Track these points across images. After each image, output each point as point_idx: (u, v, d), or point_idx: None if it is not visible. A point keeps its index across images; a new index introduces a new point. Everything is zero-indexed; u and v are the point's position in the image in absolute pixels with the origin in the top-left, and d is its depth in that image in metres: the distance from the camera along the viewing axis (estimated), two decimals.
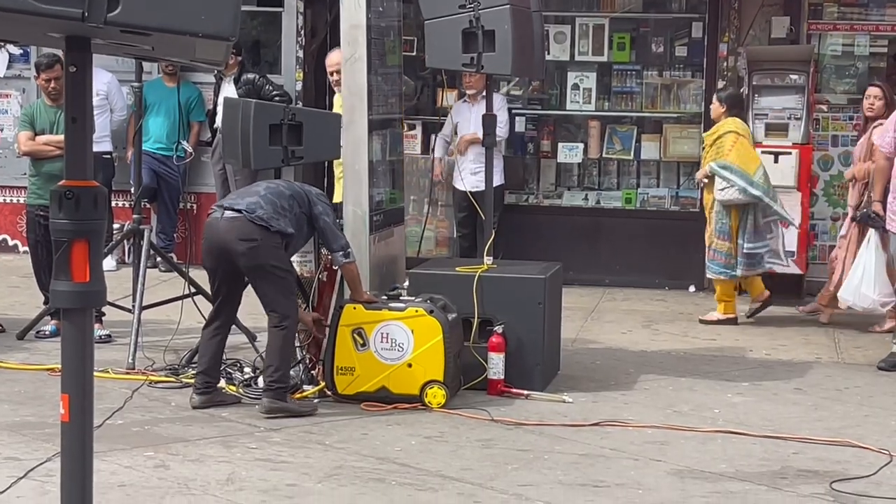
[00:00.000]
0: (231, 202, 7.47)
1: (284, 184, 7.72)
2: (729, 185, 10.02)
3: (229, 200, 7.56)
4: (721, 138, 10.16)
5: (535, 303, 7.96)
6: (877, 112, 9.95)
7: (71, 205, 2.93)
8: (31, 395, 7.65)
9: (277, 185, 7.65)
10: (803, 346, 9.60)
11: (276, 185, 7.65)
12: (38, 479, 5.97)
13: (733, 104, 10.33)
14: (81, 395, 2.98)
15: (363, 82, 8.19)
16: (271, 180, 7.95)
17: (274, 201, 7.38)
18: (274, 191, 7.48)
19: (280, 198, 7.43)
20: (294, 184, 7.78)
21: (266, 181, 7.85)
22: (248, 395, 7.61)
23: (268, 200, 7.37)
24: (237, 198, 7.53)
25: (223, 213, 7.37)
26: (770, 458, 6.69)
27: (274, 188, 7.54)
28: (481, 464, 6.48)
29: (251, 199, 7.37)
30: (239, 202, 7.40)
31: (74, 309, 3.01)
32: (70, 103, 2.96)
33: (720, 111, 10.30)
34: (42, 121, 9.30)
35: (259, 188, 7.56)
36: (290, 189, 7.57)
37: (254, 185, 7.86)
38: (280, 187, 7.58)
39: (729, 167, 9.99)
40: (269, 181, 7.83)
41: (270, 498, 5.85)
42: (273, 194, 7.44)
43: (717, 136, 10.22)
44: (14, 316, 9.70)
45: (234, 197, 7.66)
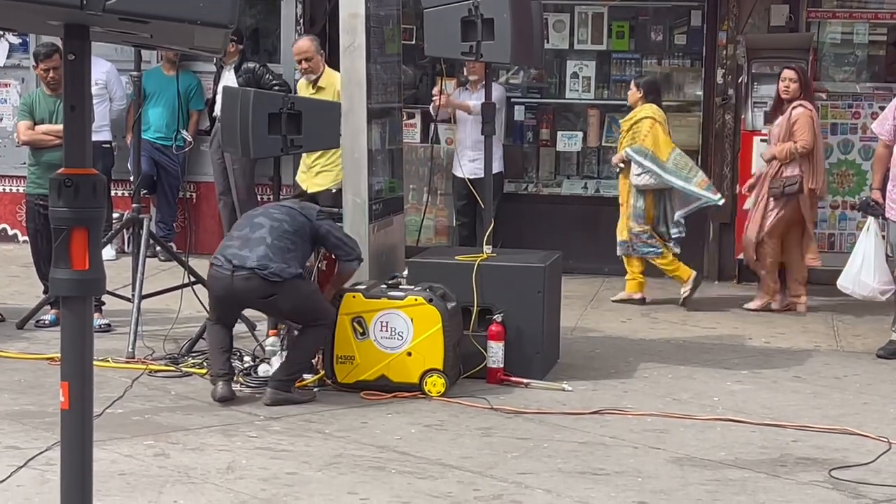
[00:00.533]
0: (239, 258, 7.23)
1: (285, 215, 7.46)
2: (644, 171, 10.26)
3: (234, 251, 7.29)
4: (637, 124, 10.36)
5: (534, 291, 7.97)
6: (792, 94, 10.15)
7: (70, 192, 2.92)
8: (31, 384, 7.66)
9: (280, 221, 7.41)
10: (802, 334, 9.61)
11: (278, 222, 7.40)
12: (38, 468, 5.98)
13: (650, 90, 10.52)
14: (81, 382, 2.98)
15: (362, 71, 8.18)
16: (271, 211, 7.56)
17: (281, 247, 7.28)
18: (278, 232, 7.32)
19: (285, 238, 7.32)
20: (293, 209, 7.54)
21: (266, 215, 7.49)
22: (248, 384, 7.61)
23: (276, 249, 7.25)
24: (243, 248, 7.27)
25: (233, 271, 7.22)
26: (769, 446, 6.70)
27: (277, 228, 7.35)
28: (481, 452, 6.49)
29: (260, 252, 7.23)
30: (248, 257, 7.22)
31: (74, 297, 3.01)
32: (69, 91, 2.96)
33: (637, 97, 10.50)
34: (41, 110, 9.30)
35: (263, 232, 7.32)
36: (293, 222, 7.41)
37: (255, 222, 7.43)
38: (283, 225, 7.38)
39: (644, 152, 10.22)
40: (269, 215, 7.48)
41: (270, 486, 5.86)
42: (278, 238, 7.30)
43: (633, 121, 10.42)
44: (14, 305, 9.71)
45: (237, 246, 7.32)
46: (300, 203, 7.78)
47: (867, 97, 11.76)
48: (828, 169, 11.74)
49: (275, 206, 7.73)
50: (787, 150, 10.05)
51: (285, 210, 7.55)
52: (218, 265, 7.33)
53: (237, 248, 7.33)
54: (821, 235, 11.76)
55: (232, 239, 7.47)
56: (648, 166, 10.19)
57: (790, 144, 10.03)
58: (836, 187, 11.80)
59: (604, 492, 5.90)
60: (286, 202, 7.86)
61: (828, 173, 11.73)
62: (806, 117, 10.03)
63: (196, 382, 7.75)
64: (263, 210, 7.67)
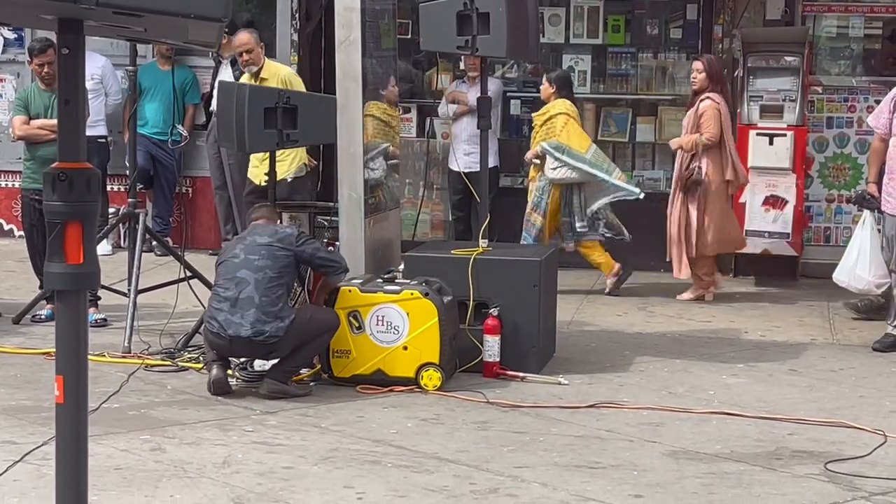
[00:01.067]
0: (233, 326, 7.15)
1: (266, 258, 7.27)
2: (561, 165, 10.28)
3: (226, 317, 7.18)
4: (552, 119, 10.39)
5: (530, 285, 7.97)
6: (699, 86, 10.31)
7: (64, 187, 2.92)
8: (27, 378, 7.66)
9: (262, 270, 7.24)
10: (798, 327, 9.62)
11: (261, 272, 7.24)
12: (34, 463, 5.98)
13: (563, 85, 10.56)
14: (76, 376, 2.98)
15: (358, 65, 8.18)
16: (251, 259, 7.30)
17: (271, 300, 7.21)
18: (264, 285, 7.21)
19: (273, 288, 7.24)
20: (272, 247, 7.33)
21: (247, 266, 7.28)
22: (243, 379, 7.61)
23: (266, 307, 7.17)
24: (234, 313, 7.17)
25: (230, 340, 7.19)
26: (765, 439, 6.71)
27: (262, 280, 7.21)
28: (477, 446, 6.49)
29: (251, 317, 7.14)
30: (241, 325, 7.15)
31: (68, 291, 3.01)
32: (63, 86, 2.96)
33: (549, 92, 10.52)
34: (36, 105, 9.30)
35: (249, 290, 7.18)
36: (275, 264, 7.28)
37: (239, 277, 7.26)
38: (266, 273, 7.24)
39: (561, 147, 10.24)
40: (250, 265, 7.27)
41: (266, 480, 5.86)
42: (265, 292, 7.20)
43: (547, 116, 10.44)
44: (10, 300, 9.71)
45: (227, 310, 7.20)
46: (277, 233, 7.50)
47: (863, 91, 11.77)
48: (823, 163, 11.78)
49: (253, 246, 7.39)
50: (693, 141, 10.24)
51: (265, 252, 7.33)
52: (213, 330, 7.27)
53: (227, 312, 7.22)
54: (817, 229, 11.79)
55: (220, 300, 7.29)
56: (566, 160, 10.23)
57: (696, 136, 10.21)
58: (831, 181, 11.81)
59: (600, 485, 5.91)
60: (261, 234, 7.48)
61: (823, 167, 11.77)
62: (712, 110, 10.16)
63: (192, 377, 7.75)
64: (244, 258, 7.34)
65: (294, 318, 7.25)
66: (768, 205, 10.89)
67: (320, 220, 8.75)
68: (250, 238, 7.48)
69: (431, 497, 5.70)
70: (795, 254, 11.11)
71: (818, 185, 11.80)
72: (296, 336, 7.26)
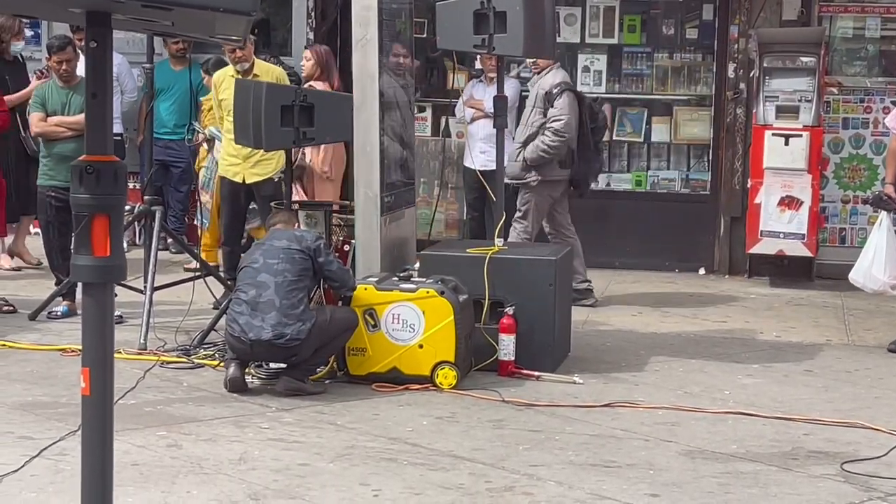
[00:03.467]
0: (254, 329, 7.17)
1: (286, 262, 7.30)
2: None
3: (247, 320, 7.21)
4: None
5: (546, 284, 7.97)
6: (307, 72, 10.15)
7: (91, 179, 2.93)
8: (44, 375, 7.68)
9: (282, 274, 7.27)
10: (813, 328, 9.60)
11: (281, 276, 7.26)
12: (51, 458, 6.00)
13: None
14: (102, 368, 3.00)
15: (374, 64, 8.19)
16: (270, 262, 7.32)
17: (291, 303, 7.23)
18: (284, 289, 7.23)
19: (293, 292, 7.26)
20: (291, 250, 7.36)
21: (267, 270, 7.30)
22: (259, 376, 7.62)
23: (287, 310, 7.19)
24: (255, 316, 7.20)
25: (251, 344, 7.21)
26: (781, 440, 6.70)
27: (282, 284, 7.23)
28: (492, 444, 6.50)
29: (272, 320, 7.17)
30: (262, 328, 7.17)
31: (95, 283, 3.02)
32: (91, 79, 2.97)
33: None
34: (54, 102, 9.32)
35: (269, 293, 7.21)
36: (294, 268, 7.30)
37: (259, 282, 7.28)
38: (286, 276, 7.26)
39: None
40: (270, 269, 7.29)
41: (283, 477, 5.87)
42: (286, 295, 7.22)
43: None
44: (26, 297, 9.73)
45: (248, 313, 7.23)
46: (295, 236, 7.50)
47: (879, 91, 11.75)
48: (839, 164, 11.76)
49: (273, 249, 7.40)
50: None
51: (284, 256, 7.34)
52: (234, 334, 7.28)
53: (248, 315, 7.24)
54: (832, 230, 11.77)
55: (241, 303, 7.31)
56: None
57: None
58: (847, 182, 11.79)
59: (615, 484, 5.91)
60: (279, 238, 7.49)
61: (839, 168, 11.75)
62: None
63: (208, 374, 7.76)
64: (263, 261, 7.35)
65: (315, 321, 7.26)
66: (784, 205, 10.88)
67: (336, 218, 8.76)
68: (268, 243, 7.49)
69: (447, 495, 5.71)
70: (811, 254, 11.09)
71: (833, 185, 11.78)
72: (317, 339, 7.27)
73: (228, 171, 9.60)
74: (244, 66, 9.42)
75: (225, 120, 9.34)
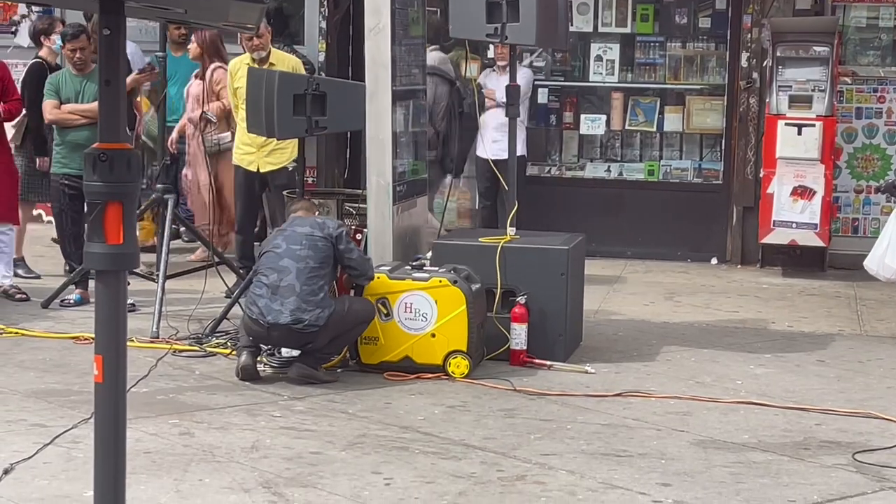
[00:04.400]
0: (273, 312, 7.18)
1: (308, 249, 7.31)
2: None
3: (266, 303, 7.22)
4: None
5: (558, 274, 7.97)
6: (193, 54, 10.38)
7: (105, 167, 2.93)
8: (57, 362, 7.70)
9: (304, 260, 7.28)
10: (826, 318, 9.59)
11: (303, 261, 7.27)
12: (63, 446, 6.02)
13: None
14: (115, 356, 3.00)
15: (387, 53, 8.18)
16: (293, 248, 7.33)
17: (311, 290, 7.23)
18: (305, 275, 7.24)
19: (313, 278, 7.26)
20: (313, 236, 7.36)
21: (289, 255, 7.31)
22: (271, 365, 7.63)
23: (306, 295, 7.20)
24: (274, 300, 7.21)
25: (269, 328, 7.21)
26: (793, 430, 6.69)
27: (304, 270, 7.25)
28: (504, 433, 6.50)
29: (291, 305, 7.18)
30: (281, 312, 7.17)
31: (108, 271, 3.03)
32: (104, 66, 2.97)
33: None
34: (67, 90, 9.34)
35: (290, 278, 7.22)
36: (316, 255, 7.30)
37: (281, 266, 7.29)
38: (308, 262, 7.27)
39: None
40: (292, 254, 7.31)
41: (294, 465, 5.88)
42: (307, 281, 7.23)
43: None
44: (38, 285, 9.75)
45: (267, 296, 7.25)
46: (317, 223, 7.49)
47: (892, 81, 11.71)
48: (852, 153, 11.73)
49: (295, 235, 7.41)
50: (218, 108, 10.26)
51: (307, 242, 7.35)
52: (252, 316, 7.29)
53: (268, 298, 7.25)
54: (845, 220, 11.74)
55: (261, 286, 7.32)
56: None
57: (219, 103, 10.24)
58: (860, 172, 11.76)
59: (627, 473, 5.91)
60: (301, 224, 7.49)
61: (852, 158, 11.73)
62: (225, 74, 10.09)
63: (220, 362, 7.78)
64: (286, 247, 7.36)
65: (334, 309, 7.27)
66: (796, 195, 10.86)
67: (348, 207, 8.76)
68: (290, 229, 7.49)
69: (459, 483, 5.71)
70: (823, 244, 11.07)
71: (846, 175, 11.75)
72: (334, 328, 7.28)
73: (243, 160, 9.61)
74: (261, 54, 9.43)
75: (241, 108, 9.34)
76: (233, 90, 9.67)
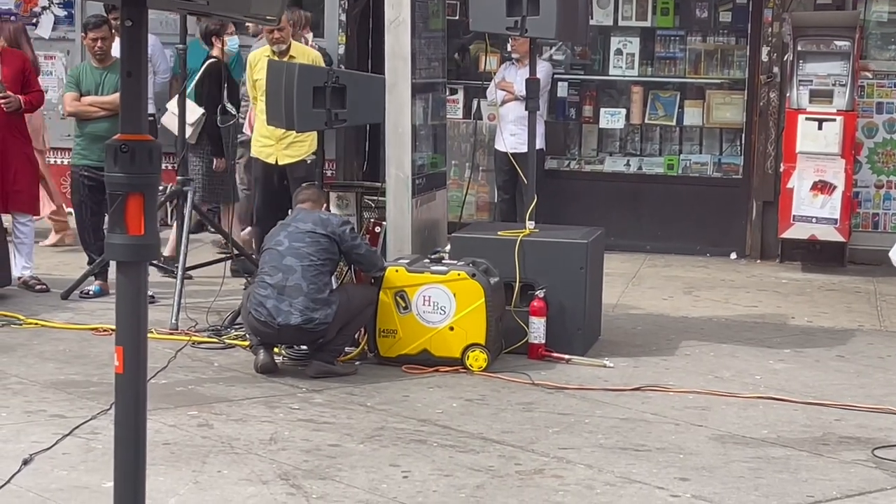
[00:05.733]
0: (282, 314, 7.16)
1: (311, 245, 7.29)
2: None
3: (273, 304, 7.19)
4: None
5: (577, 267, 7.96)
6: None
7: (126, 158, 2.94)
8: (76, 353, 7.72)
9: (308, 257, 7.26)
10: (845, 313, 9.55)
11: (307, 259, 7.25)
12: (83, 437, 6.03)
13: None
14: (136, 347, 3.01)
15: (407, 46, 8.18)
16: (296, 245, 7.30)
17: (318, 287, 7.23)
18: (311, 273, 7.23)
19: (319, 275, 7.26)
20: (315, 233, 7.34)
21: (293, 253, 7.28)
22: (289, 357, 7.64)
23: (314, 294, 7.19)
24: (282, 300, 7.18)
25: (278, 329, 7.21)
26: (812, 425, 6.68)
27: (309, 268, 7.23)
28: (522, 427, 6.50)
29: (299, 305, 7.16)
30: (290, 313, 7.16)
31: (129, 262, 3.04)
32: (126, 57, 2.97)
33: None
34: (88, 82, 9.36)
35: (296, 277, 7.20)
36: (319, 252, 7.29)
37: (286, 265, 7.26)
38: (312, 260, 7.25)
39: None
40: (296, 252, 7.28)
41: (313, 458, 5.89)
42: (312, 279, 7.22)
43: None
44: (58, 276, 9.78)
45: (274, 297, 7.21)
46: (321, 219, 7.47)
47: None
48: (872, 148, 11.68)
49: (298, 233, 7.37)
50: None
51: (310, 238, 7.33)
52: (261, 318, 7.25)
53: (275, 299, 7.23)
54: (865, 215, 11.70)
55: (266, 286, 7.28)
56: None
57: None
58: (880, 167, 11.72)
59: (645, 468, 5.90)
60: (305, 221, 7.46)
61: (872, 153, 11.68)
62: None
63: (239, 354, 7.78)
64: (288, 244, 7.33)
65: (339, 303, 7.28)
66: (816, 190, 10.82)
67: (366, 200, 8.77)
68: (294, 224, 7.46)
69: (477, 476, 5.71)
70: (843, 239, 11.03)
71: (867, 170, 11.71)
72: (341, 319, 7.28)
73: (262, 153, 9.60)
74: (281, 47, 9.40)
75: (259, 100, 9.34)
76: (252, 82, 9.67)
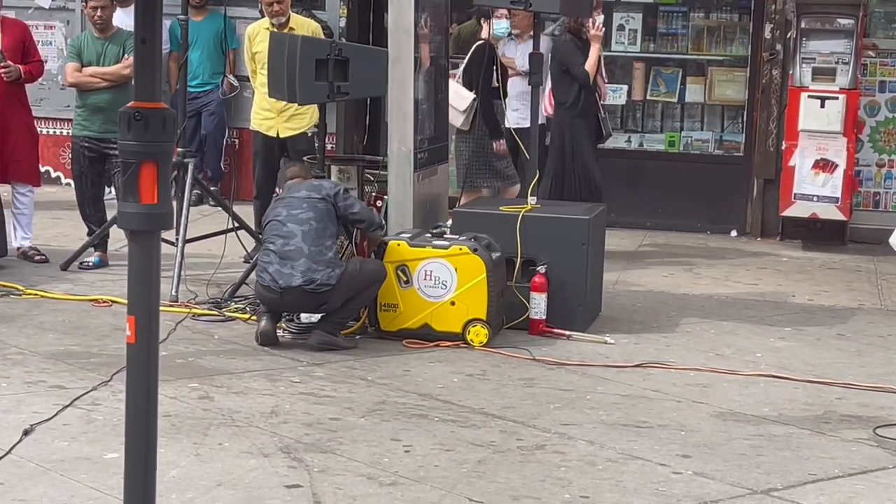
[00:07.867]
0: (284, 276, 7.18)
1: (309, 210, 7.33)
2: None
3: (276, 269, 7.22)
4: None
5: (578, 243, 7.94)
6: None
7: (140, 126, 2.91)
8: (76, 324, 7.71)
9: (307, 222, 7.30)
10: (846, 292, 9.55)
11: (307, 224, 7.29)
12: (83, 408, 6.03)
13: None
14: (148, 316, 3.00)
15: (410, 18, 8.13)
16: (294, 213, 7.35)
17: (319, 250, 7.25)
18: (311, 236, 7.26)
19: (320, 238, 7.28)
20: (312, 198, 7.39)
21: (293, 220, 7.33)
22: (290, 330, 7.63)
23: (316, 256, 7.21)
24: (284, 265, 7.22)
25: (282, 293, 7.20)
26: (813, 403, 6.67)
27: (308, 232, 7.27)
28: (523, 402, 6.49)
29: (302, 267, 7.18)
30: (293, 275, 7.18)
31: (142, 231, 3.01)
32: (139, 24, 2.94)
33: None
34: (89, 52, 9.31)
35: (297, 241, 7.24)
36: (318, 216, 7.32)
37: (286, 231, 7.32)
38: (312, 223, 7.29)
39: None
40: (295, 218, 7.33)
41: (314, 431, 5.88)
42: (313, 242, 7.25)
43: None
44: (57, 247, 9.75)
45: (277, 262, 7.25)
46: (313, 185, 7.52)
47: None
48: (874, 127, 11.66)
49: (295, 200, 7.43)
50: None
51: (307, 204, 7.38)
52: (264, 284, 7.29)
53: (278, 264, 7.25)
54: (866, 194, 11.69)
55: (269, 252, 7.32)
56: None
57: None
58: (882, 146, 11.70)
59: (647, 444, 5.90)
60: (298, 190, 7.50)
61: (874, 131, 11.66)
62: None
63: (239, 327, 7.77)
64: (287, 213, 7.38)
65: (345, 269, 7.26)
66: (818, 168, 10.81)
67: (368, 174, 8.74)
68: (289, 196, 7.51)
69: (478, 451, 5.70)
70: (844, 218, 11.02)
71: (868, 149, 11.69)
72: (347, 288, 7.26)
73: (262, 126, 9.58)
74: (280, 19, 9.36)
75: (259, 73, 9.30)
76: (251, 55, 9.63)
